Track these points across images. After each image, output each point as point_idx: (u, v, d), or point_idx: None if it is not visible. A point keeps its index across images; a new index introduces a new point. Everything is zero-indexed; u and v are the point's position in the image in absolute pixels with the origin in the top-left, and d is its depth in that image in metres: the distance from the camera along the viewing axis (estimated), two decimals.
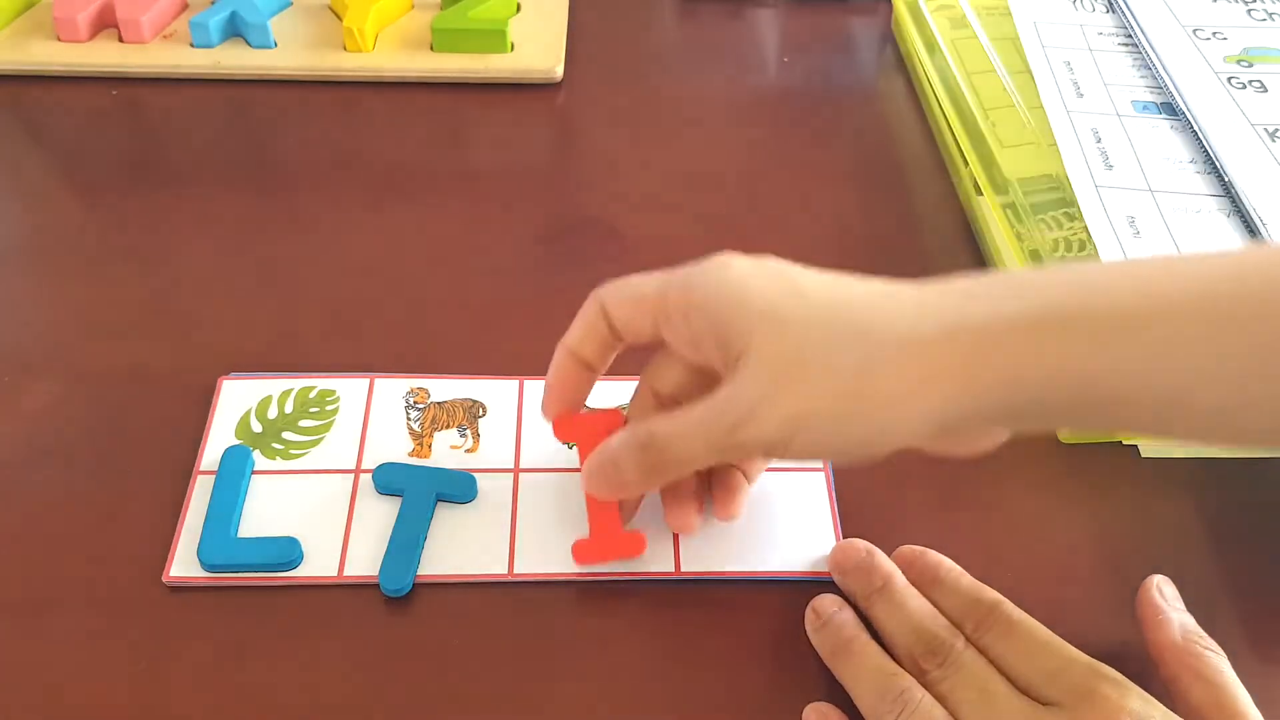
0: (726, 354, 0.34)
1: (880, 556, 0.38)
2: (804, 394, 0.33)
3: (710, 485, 0.40)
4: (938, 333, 0.32)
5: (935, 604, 0.36)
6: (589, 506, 0.39)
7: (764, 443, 0.33)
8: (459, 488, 0.40)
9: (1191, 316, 0.31)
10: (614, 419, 0.39)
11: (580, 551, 0.38)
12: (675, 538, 0.39)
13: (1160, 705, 0.32)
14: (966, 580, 0.37)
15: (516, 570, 0.38)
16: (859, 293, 0.34)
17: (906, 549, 0.39)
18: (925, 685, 0.34)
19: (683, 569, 0.39)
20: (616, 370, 0.45)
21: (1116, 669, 0.33)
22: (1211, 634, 0.35)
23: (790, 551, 0.39)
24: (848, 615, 0.37)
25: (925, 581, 0.37)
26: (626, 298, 0.37)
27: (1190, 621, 0.35)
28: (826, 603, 0.37)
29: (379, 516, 0.40)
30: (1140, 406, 0.32)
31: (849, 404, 0.32)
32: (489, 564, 0.39)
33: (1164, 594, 0.36)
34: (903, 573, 0.38)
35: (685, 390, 0.38)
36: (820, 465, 0.42)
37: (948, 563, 0.38)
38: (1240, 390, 0.31)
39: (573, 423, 0.40)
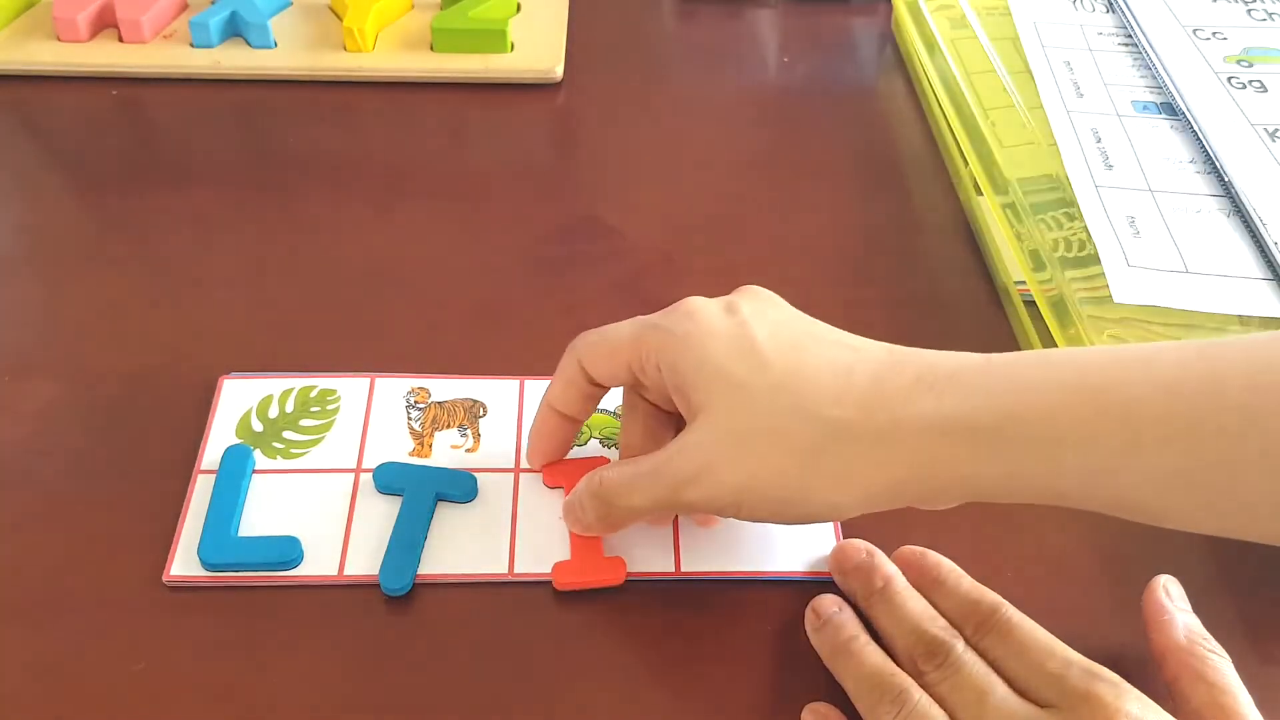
0: (687, 408, 0.36)
1: (880, 557, 0.38)
2: (752, 468, 0.34)
3: None
4: (888, 425, 0.33)
5: (935, 606, 0.36)
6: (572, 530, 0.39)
7: (709, 506, 0.36)
8: (459, 487, 0.40)
9: (1121, 434, 0.31)
10: (603, 464, 0.40)
11: (560, 574, 0.38)
12: (675, 538, 0.39)
13: (1157, 707, 0.31)
14: (967, 582, 0.37)
15: (517, 570, 0.38)
16: (819, 367, 0.35)
17: (907, 549, 0.38)
18: (924, 687, 0.34)
19: (683, 569, 0.39)
20: None
21: (1116, 670, 0.33)
22: (1212, 634, 0.35)
23: (790, 551, 0.39)
24: (847, 616, 0.37)
25: (926, 583, 0.37)
26: (601, 353, 0.38)
27: (1195, 623, 0.35)
28: (826, 603, 0.37)
29: (379, 516, 0.40)
30: (1083, 504, 0.34)
31: (796, 481, 0.34)
32: (489, 564, 0.39)
33: (1170, 594, 0.36)
34: (903, 574, 0.38)
35: (657, 424, 0.39)
36: None
37: (948, 564, 0.38)
38: (1174, 505, 0.32)
39: (560, 468, 0.41)
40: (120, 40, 0.61)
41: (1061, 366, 0.33)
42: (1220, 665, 0.34)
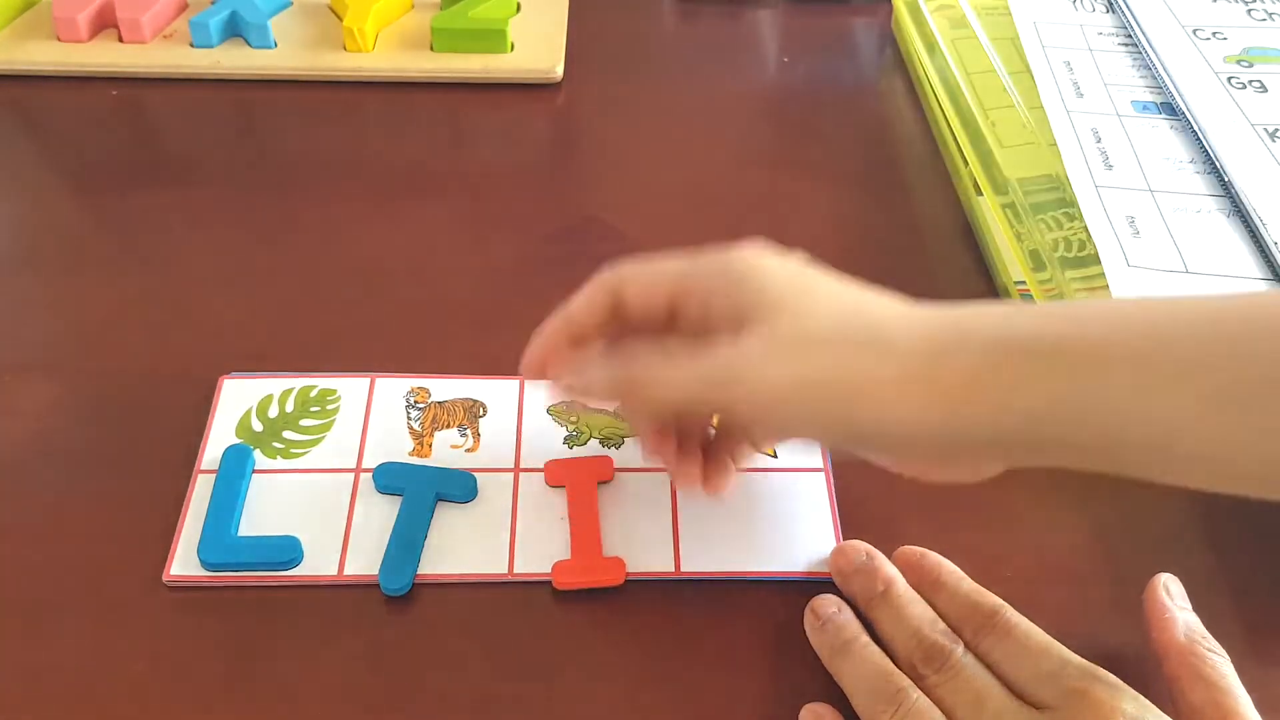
0: (739, 315, 0.34)
1: (881, 560, 0.38)
2: (803, 374, 0.33)
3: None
4: (940, 353, 0.33)
5: (935, 608, 0.36)
6: (572, 529, 0.39)
7: (745, 410, 0.34)
8: (459, 487, 0.40)
9: (1170, 356, 0.31)
10: (605, 465, 0.41)
11: (560, 573, 0.38)
12: (675, 539, 0.39)
13: (1154, 708, 0.32)
14: (967, 585, 0.37)
15: (516, 570, 0.38)
16: (874, 302, 0.35)
17: (908, 550, 0.38)
18: (923, 690, 0.34)
19: (683, 569, 0.39)
20: None
21: (1115, 670, 0.33)
22: (1212, 633, 0.35)
23: (790, 552, 0.39)
24: (846, 616, 0.37)
25: (926, 585, 0.37)
26: (644, 279, 0.37)
27: (1196, 622, 0.35)
28: (825, 603, 0.37)
29: (379, 516, 0.40)
30: (1126, 447, 0.32)
31: (843, 395, 0.33)
32: (489, 563, 0.39)
33: (1171, 593, 0.36)
34: (904, 575, 0.38)
35: None
36: (820, 465, 0.42)
37: (949, 566, 0.38)
38: (1220, 433, 0.31)
39: (560, 468, 0.41)
40: (120, 40, 0.61)
41: (1103, 304, 0.35)
42: (1220, 665, 0.34)
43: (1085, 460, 0.33)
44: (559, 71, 0.61)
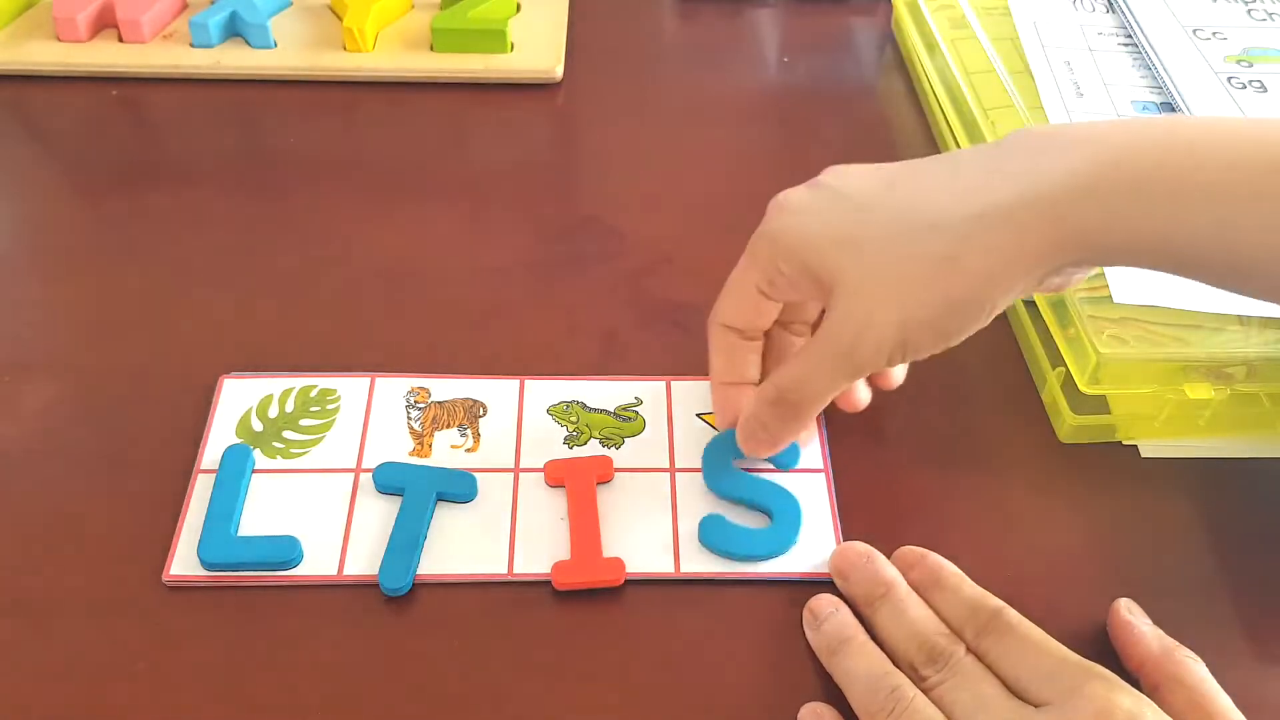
0: (821, 287, 0.36)
1: (882, 561, 0.38)
2: (899, 304, 0.35)
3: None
4: (1014, 200, 0.34)
5: (937, 609, 0.36)
6: (571, 529, 0.39)
7: (883, 353, 0.36)
8: (459, 487, 0.40)
9: (1255, 185, 0.32)
10: (604, 465, 0.41)
11: (560, 573, 0.38)
12: (675, 540, 0.39)
13: (1151, 703, 0.32)
14: (968, 586, 0.37)
15: (516, 570, 0.38)
16: (921, 182, 0.36)
17: (908, 550, 0.38)
18: (922, 690, 0.34)
19: (682, 569, 0.39)
20: (613, 370, 0.45)
21: (1114, 669, 0.33)
22: (1211, 634, 0.35)
23: (790, 552, 0.39)
24: (845, 615, 0.37)
25: (927, 585, 0.37)
26: (733, 299, 0.40)
27: (1164, 634, 0.36)
28: (823, 603, 0.37)
29: (379, 516, 0.40)
30: (1209, 270, 0.34)
31: (946, 295, 0.35)
32: (488, 564, 0.39)
33: (1133, 612, 0.37)
34: (904, 575, 0.37)
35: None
36: (820, 466, 0.42)
37: (950, 567, 0.38)
38: None
39: (560, 468, 0.41)
40: (120, 40, 0.61)
41: (1173, 126, 0.35)
42: (1196, 668, 0.34)
43: (1168, 271, 0.35)
44: (559, 71, 0.61)
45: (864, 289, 0.35)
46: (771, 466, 0.42)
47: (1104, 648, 0.36)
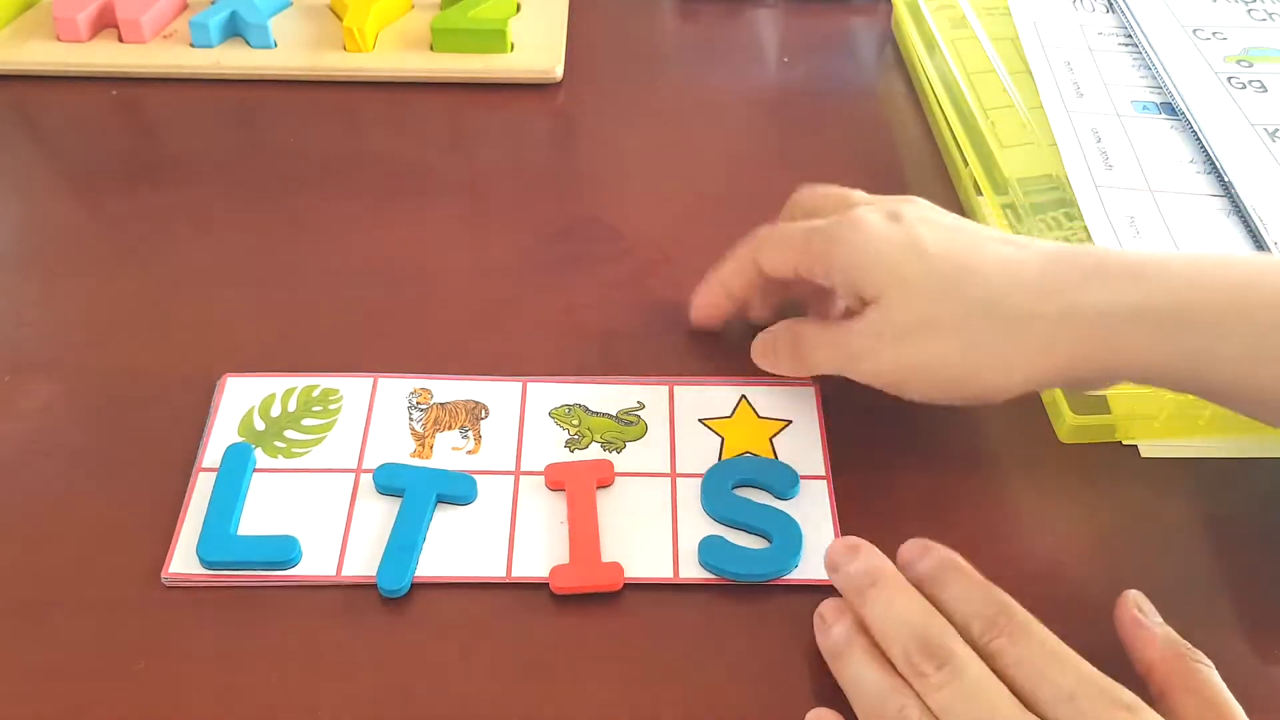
0: (862, 301, 0.39)
1: (868, 549, 0.36)
2: (917, 351, 0.38)
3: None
4: (1056, 314, 0.36)
5: (942, 604, 0.34)
6: (570, 533, 0.39)
7: (879, 380, 0.39)
8: (459, 489, 0.40)
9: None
10: (605, 469, 0.41)
11: (558, 577, 0.38)
12: (674, 546, 0.39)
13: None
14: (976, 578, 0.35)
15: (515, 573, 0.38)
16: (986, 261, 0.38)
17: (913, 542, 0.37)
18: (924, 691, 0.32)
19: (681, 575, 0.39)
20: (615, 370, 0.45)
21: (1117, 669, 0.32)
22: (1211, 634, 0.35)
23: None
24: (849, 619, 0.35)
25: (932, 578, 0.35)
26: (776, 248, 0.42)
27: (1174, 634, 0.35)
28: (832, 607, 0.36)
29: (379, 516, 0.40)
30: (1238, 400, 0.36)
31: (959, 366, 0.38)
32: (487, 566, 0.39)
33: (1142, 609, 0.36)
34: (907, 571, 0.36)
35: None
36: (821, 471, 0.42)
37: (956, 558, 0.36)
38: None
39: (561, 470, 0.41)
40: (120, 40, 0.61)
41: (1232, 266, 0.37)
42: (1207, 675, 0.33)
43: (1192, 394, 0.37)
44: (559, 71, 0.61)
45: (890, 324, 0.38)
46: (771, 496, 0.41)
47: (1105, 649, 0.35)
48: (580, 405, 0.44)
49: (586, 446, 0.42)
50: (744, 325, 0.46)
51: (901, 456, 0.43)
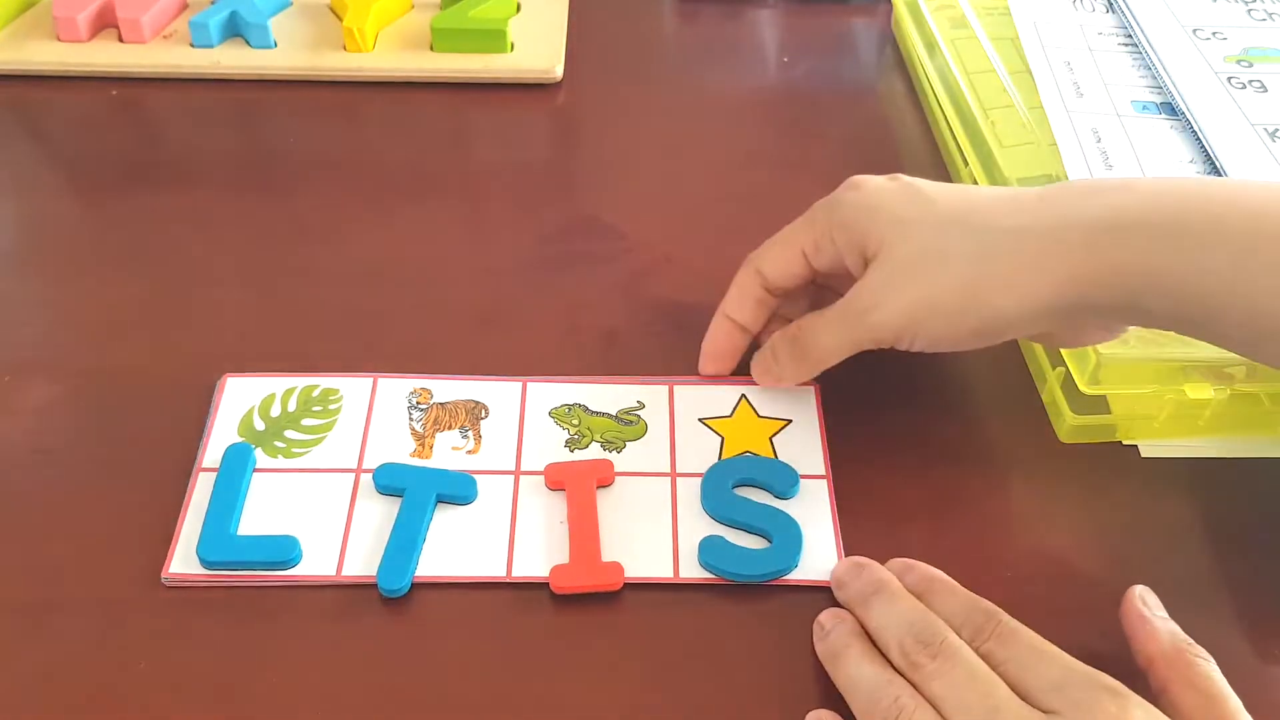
0: (864, 261, 0.39)
1: (875, 566, 0.38)
2: (923, 284, 0.38)
3: None
4: (1052, 224, 0.37)
5: (932, 610, 0.35)
6: (570, 533, 0.39)
7: (891, 328, 0.39)
8: (459, 489, 0.40)
9: (1274, 243, 0.34)
10: (605, 469, 0.41)
11: (558, 576, 0.38)
12: (674, 546, 0.39)
13: (1162, 716, 0.31)
14: (961, 590, 0.36)
15: (515, 573, 0.38)
16: (984, 197, 0.39)
17: (895, 561, 0.38)
18: (919, 681, 0.33)
19: (681, 575, 0.39)
20: (615, 370, 0.45)
21: (1116, 670, 0.33)
22: (1211, 634, 0.35)
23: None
24: (850, 624, 0.36)
25: (920, 591, 0.36)
26: (776, 250, 0.42)
27: (1177, 629, 0.35)
28: (830, 614, 0.37)
29: (379, 516, 0.40)
30: (1230, 319, 0.35)
31: (964, 292, 0.37)
32: (487, 565, 0.39)
33: (1147, 603, 0.36)
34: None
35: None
36: (821, 471, 0.42)
37: (942, 575, 0.37)
38: None
39: (561, 470, 0.41)
40: (120, 40, 0.61)
41: (1211, 185, 0.39)
42: (1209, 671, 0.33)
43: (1189, 329, 0.37)
44: (559, 71, 0.61)
45: (894, 265, 0.38)
46: (771, 496, 0.41)
47: (1105, 648, 0.35)
48: (580, 405, 0.44)
49: (586, 446, 0.42)
50: None
51: (901, 456, 0.43)
